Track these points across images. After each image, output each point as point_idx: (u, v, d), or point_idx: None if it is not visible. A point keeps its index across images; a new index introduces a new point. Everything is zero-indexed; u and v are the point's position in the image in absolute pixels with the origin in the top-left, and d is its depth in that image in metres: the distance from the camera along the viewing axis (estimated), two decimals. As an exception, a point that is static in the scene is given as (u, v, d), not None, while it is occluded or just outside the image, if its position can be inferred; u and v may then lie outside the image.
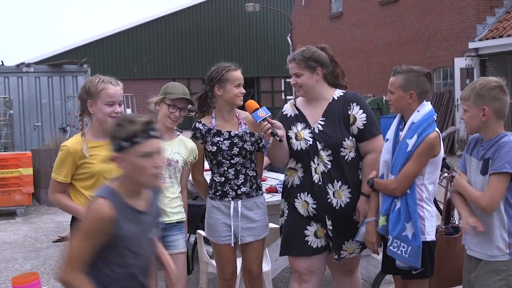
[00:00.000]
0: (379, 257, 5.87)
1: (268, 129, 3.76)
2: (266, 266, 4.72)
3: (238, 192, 4.05)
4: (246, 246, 4.12)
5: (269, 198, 5.01)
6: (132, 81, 30.78)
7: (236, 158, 4.04)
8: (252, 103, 3.92)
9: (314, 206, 3.84)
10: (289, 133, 3.90)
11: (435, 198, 3.85)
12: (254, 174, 4.15)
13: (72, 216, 3.65)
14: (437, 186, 3.88)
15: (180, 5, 34.56)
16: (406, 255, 3.45)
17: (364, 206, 3.81)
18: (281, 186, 5.37)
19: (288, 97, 33.57)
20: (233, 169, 4.05)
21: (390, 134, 3.67)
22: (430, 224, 3.54)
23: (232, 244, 4.06)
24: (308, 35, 26.50)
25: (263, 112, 3.82)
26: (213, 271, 4.87)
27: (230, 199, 4.05)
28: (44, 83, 14.17)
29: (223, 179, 4.06)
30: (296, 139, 3.88)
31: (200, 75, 33.48)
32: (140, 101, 30.75)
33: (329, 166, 3.81)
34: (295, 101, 4.05)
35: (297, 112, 3.97)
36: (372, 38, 21.88)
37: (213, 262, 4.82)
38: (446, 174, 4.09)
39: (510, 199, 3.11)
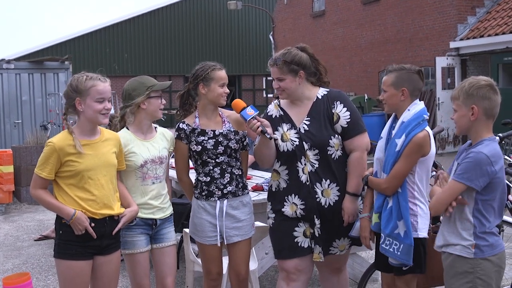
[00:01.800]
0: (364, 255, 5.91)
1: (258, 127, 3.74)
2: (252, 265, 4.71)
3: (224, 192, 4.03)
4: (233, 246, 4.10)
5: (255, 196, 5.01)
6: (113, 78, 30.51)
7: (221, 157, 4.03)
8: (239, 102, 3.90)
9: (303, 206, 3.84)
10: (275, 135, 3.89)
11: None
12: (240, 173, 4.14)
13: (57, 214, 3.61)
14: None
15: (162, 2, 34.38)
16: (398, 253, 3.50)
17: (349, 205, 3.83)
18: (267, 184, 5.41)
19: (269, 95, 33.61)
20: (219, 168, 4.03)
21: (384, 132, 3.71)
22: (423, 221, 3.58)
23: (219, 244, 4.05)
24: (290, 33, 26.52)
25: (251, 110, 3.80)
26: (199, 269, 4.85)
27: (216, 198, 4.03)
28: (25, 80, 14.00)
29: (208, 178, 4.04)
30: (283, 140, 3.87)
31: (181, 73, 33.40)
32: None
33: (316, 166, 3.82)
34: (279, 102, 4.04)
35: (281, 113, 3.97)
36: (354, 37, 21.94)
37: (199, 260, 4.80)
38: (434, 173, 4.11)
39: (481, 208, 3.10)
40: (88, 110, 3.57)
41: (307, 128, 3.85)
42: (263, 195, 5.15)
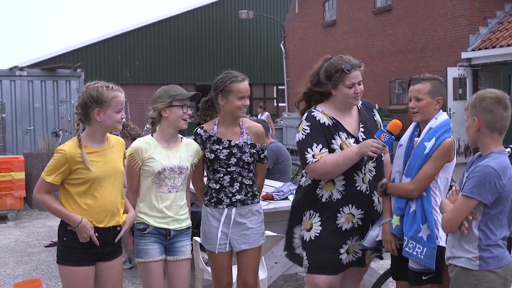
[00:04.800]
0: (374, 265, 5.89)
1: (375, 152, 3.60)
2: (262, 274, 4.70)
3: (233, 200, 4.01)
4: (241, 254, 4.06)
5: (265, 205, 5.01)
6: (125, 86, 30.37)
7: (232, 167, 4.00)
8: (398, 126, 3.67)
9: (361, 216, 3.81)
10: (332, 145, 3.78)
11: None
12: (251, 183, 4.10)
13: (61, 220, 3.62)
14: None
15: (173, 11, 34.52)
16: (422, 256, 3.51)
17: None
18: (278, 193, 5.41)
19: (280, 104, 33.59)
20: (229, 176, 4.01)
21: (404, 139, 3.73)
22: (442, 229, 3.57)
23: (226, 249, 4.02)
24: (301, 43, 26.56)
25: (387, 137, 3.65)
26: (209, 278, 4.85)
27: (225, 206, 4.01)
28: (37, 87, 14.11)
29: (218, 186, 4.02)
30: (342, 149, 3.76)
31: (192, 81, 33.48)
32: (133, 106, 30.71)
33: (373, 173, 3.83)
34: (321, 110, 3.89)
35: (334, 121, 3.84)
36: (365, 47, 21.93)
37: (209, 269, 4.80)
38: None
39: (488, 221, 3.08)
40: (107, 120, 3.57)
41: (364, 137, 3.81)
42: (273, 204, 5.16)
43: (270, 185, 6.06)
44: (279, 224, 5.17)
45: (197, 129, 4.08)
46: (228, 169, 4.00)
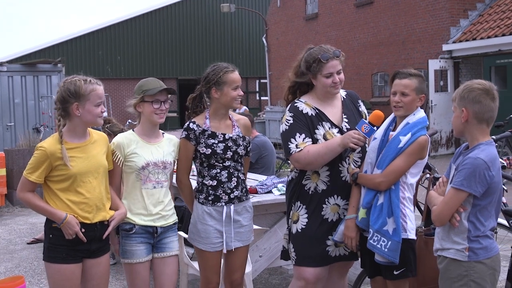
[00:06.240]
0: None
1: (356, 144, 3.60)
2: (247, 268, 4.69)
3: (231, 196, 3.94)
4: (232, 252, 3.99)
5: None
6: (106, 81, 30.48)
7: (228, 161, 3.93)
8: (380, 117, 3.69)
9: (346, 207, 3.80)
10: (316, 135, 3.77)
11: (416, 199, 3.89)
12: (243, 178, 4.05)
13: (46, 218, 3.59)
14: (419, 187, 3.92)
15: (155, 4, 34.33)
16: (386, 249, 3.51)
17: None
18: (261, 186, 5.40)
19: (262, 98, 33.58)
20: (226, 171, 3.93)
21: (379, 133, 3.70)
22: (411, 222, 3.60)
23: (225, 251, 3.94)
24: (283, 36, 26.53)
25: (368, 128, 3.64)
26: (194, 272, 4.84)
27: (223, 203, 3.92)
28: (18, 82, 13.96)
29: (215, 182, 3.92)
30: (325, 139, 3.75)
31: (174, 75, 33.37)
32: (115, 101, 30.54)
33: (358, 164, 3.82)
34: (304, 101, 3.89)
35: (317, 111, 3.83)
36: (347, 40, 21.97)
37: (194, 264, 4.79)
38: (428, 175, 4.12)
39: (477, 213, 3.10)
40: (87, 115, 3.53)
41: (349, 127, 3.80)
42: (257, 198, 5.14)
43: (253, 179, 6.04)
44: (263, 217, 5.17)
45: (189, 124, 3.97)
46: (224, 164, 3.92)
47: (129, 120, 13.36)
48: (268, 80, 27.84)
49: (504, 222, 4.56)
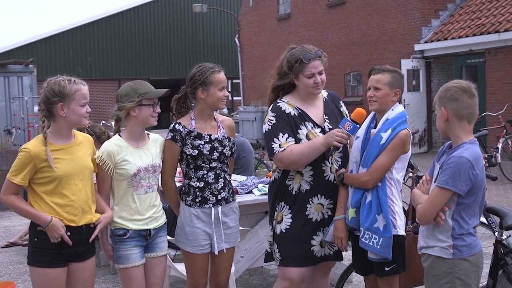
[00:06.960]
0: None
1: (340, 142, 3.59)
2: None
3: (219, 198, 3.91)
4: (219, 254, 3.96)
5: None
6: (77, 82, 30.16)
7: (214, 162, 3.90)
8: (363, 115, 3.69)
9: (330, 206, 3.81)
10: (299, 135, 3.77)
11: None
12: (229, 179, 4.04)
13: (31, 221, 3.53)
14: (402, 186, 3.95)
15: (126, 4, 34.11)
16: (378, 246, 3.53)
17: None
18: (242, 187, 5.38)
19: (235, 98, 33.56)
20: (213, 172, 3.90)
21: (361, 131, 3.73)
22: (400, 219, 3.64)
23: (216, 252, 3.92)
24: (256, 36, 26.55)
25: (351, 126, 3.64)
26: (175, 274, 4.81)
27: (211, 205, 3.89)
28: (-12, 83, 13.76)
29: (202, 183, 3.89)
30: (308, 139, 3.76)
31: (146, 76, 33.15)
32: (86, 102, 30.18)
33: (339, 163, 3.83)
34: (287, 101, 3.89)
35: (300, 111, 3.83)
36: (320, 40, 22.06)
37: (176, 265, 4.76)
38: (411, 174, 4.16)
39: (462, 212, 3.14)
40: (72, 115, 3.48)
41: (331, 127, 3.81)
42: (239, 198, 5.12)
43: (233, 179, 6.01)
44: (245, 217, 5.15)
45: (175, 125, 3.92)
46: (211, 165, 3.89)
47: (103, 121, 13.23)
48: (241, 81, 27.83)
49: (483, 219, 4.62)
